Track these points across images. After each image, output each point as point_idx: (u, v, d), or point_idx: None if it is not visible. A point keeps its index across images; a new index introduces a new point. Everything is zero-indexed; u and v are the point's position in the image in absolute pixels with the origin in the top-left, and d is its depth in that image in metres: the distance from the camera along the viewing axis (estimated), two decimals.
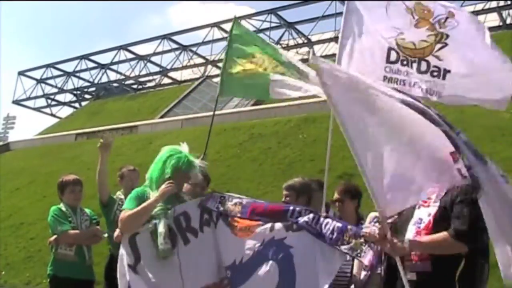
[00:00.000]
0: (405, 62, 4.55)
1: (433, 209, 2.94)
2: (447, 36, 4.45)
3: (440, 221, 2.87)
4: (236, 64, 4.95)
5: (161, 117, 22.70)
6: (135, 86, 32.74)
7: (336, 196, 4.23)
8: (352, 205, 4.14)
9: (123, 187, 4.96)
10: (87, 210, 4.85)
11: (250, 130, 14.96)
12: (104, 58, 33.10)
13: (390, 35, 4.55)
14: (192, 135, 16.04)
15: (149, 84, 32.52)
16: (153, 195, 3.41)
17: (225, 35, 28.84)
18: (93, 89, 34.36)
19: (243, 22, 27.97)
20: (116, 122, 21.90)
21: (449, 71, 4.44)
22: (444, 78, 4.46)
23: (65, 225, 4.50)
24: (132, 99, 28.47)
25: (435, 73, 4.46)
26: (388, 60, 4.59)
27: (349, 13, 4.70)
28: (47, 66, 34.01)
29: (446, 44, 4.42)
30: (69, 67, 33.79)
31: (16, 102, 35.02)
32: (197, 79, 28.65)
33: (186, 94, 26.25)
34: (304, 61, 4.66)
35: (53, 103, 35.64)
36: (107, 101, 30.51)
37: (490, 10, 23.11)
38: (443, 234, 2.80)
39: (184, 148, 3.63)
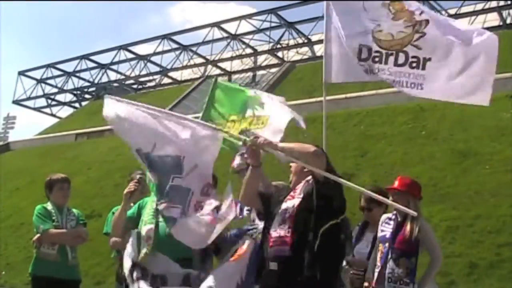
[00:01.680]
0: (377, 59, 4.53)
1: (297, 200, 3.16)
2: (427, 22, 4.44)
3: (302, 208, 3.10)
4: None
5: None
6: (135, 86, 32.72)
7: (363, 203, 4.27)
8: (380, 210, 4.15)
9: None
10: (75, 211, 4.80)
11: None
12: (104, 58, 33.09)
13: (368, 28, 4.54)
14: None
15: (149, 84, 32.50)
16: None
17: (226, 35, 28.87)
18: (93, 89, 34.33)
19: (243, 22, 28.03)
20: None
21: (429, 59, 4.41)
22: (424, 67, 4.42)
23: (46, 223, 4.48)
24: (132, 99, 28.31)
25: (413, 64, 4.44)
26: (360, 58, 4.59)
27: (328, 16, 4.73)
28: (47, 66, 33.98)
29: (424, 34, 4.41)
30: (69, 67, 33.79)
31: (16, 102, 34.99)
32: (197, 79, 28.66)
33: (186, 94, 26.25)
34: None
35: (53, 103, 35.62)
36: None
37: (490, 10, 23.06)
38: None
39: None
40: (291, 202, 3.18)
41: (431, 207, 8.27)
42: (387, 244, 3.81)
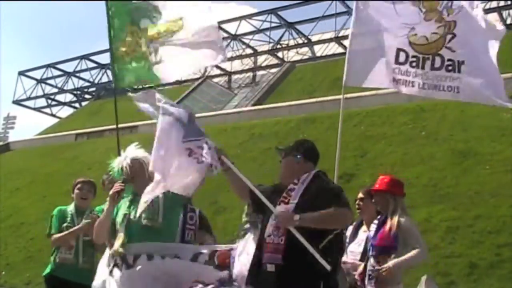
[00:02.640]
0: (414, 64, 4.54)
1: (291, 206, 3.11)
2: (455, 24, 4.45)
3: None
4: (120, 44, 4.64)
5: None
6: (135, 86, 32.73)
7: (360, 195, 4.38)
8: (372, 205, 4.19)
9: None
10: (98, 209, 4.66)
11: (250, 130, 14.97)
12: (104, 58, 33.04)
13: (403, 33, 4.54)
14: None
15: (149, 84, 32.49)
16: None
17: (226, 35, 28.87)
18: (93, 89, 34.35)
19: (243, 22, 28.05)
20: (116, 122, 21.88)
21: (463, 62, 4.44)
22: (459, 71, 4.45)
23: (53, 228, 4.52)
24: (132, 99, 28.38)
25: (450, 68, 4.47)
26: (396, 61, 4.59)
27: (358, 11, 4.70)
28: (47, 66, 33.99)
29: (455, 35, 4.42)
30: (69, 67, 33.80)
31: (16, 102, 35.01)
32: (197, 79, 28.66)
33: (187, 94, 26.25)
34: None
35: (53, 103, 35.63)
36: (107, 101, 30.48)
37: (490, 10, 23.04)
38: (330, 209, 2.96)
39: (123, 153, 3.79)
40: (285, 207, 3.12)
41: (431, 207, 8.28)
42: (370, 243, 3.91)
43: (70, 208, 4.63)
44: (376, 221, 4.00)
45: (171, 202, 3.61)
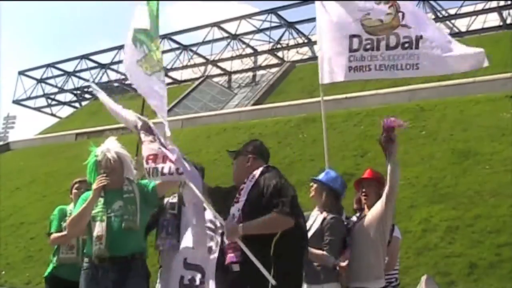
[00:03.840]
0: (368, 46, 4.49)
1: (241, 204, 3.17)
2: (399, 6, 4.47)
3: (248, 213, 3.09)
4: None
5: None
6: (135, 86, 32.70)
7: (354, 205, 4.33)
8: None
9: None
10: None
11: (250, 130, 14.96)
12: (104, 58, 33.10)
13: (356, 18, 4.53)
14: (192, 134, 16.03)
15: None
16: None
17: (226, 34, 28.87)
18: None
19: (243, 22, 28.03)
20: (116, 122, 21.83)
21: (421, 37, 4.39)
22: (417, 47, 4.40)
23: (52, 227, 4.51)
24: (132, 99, 28.39)
25: (406, 45, 4.41)
26: (350, 49, 4.56)
27: (318, 16, 4.74)
28: (47, 65, 34.00)
29: (403, 12, 4.43)
30: (69, 66, 33.82)
31: (16, 102, 35.02)
32: (197, 78, 28.65)
33: (186, 94, 26.25)
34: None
35: (53, 102, 35.64)
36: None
37: (490, 10, 23.06)
38: (271, 214, 3.00)
39: (104, 144, 3.79)
40: (237, 207, 3.18)
41: (431, 207, 8.28)
42: None
43: (70, 207, 4.62)
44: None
45: (145, 204, 3.64)
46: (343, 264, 3.65)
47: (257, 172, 3.26)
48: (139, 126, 3.67)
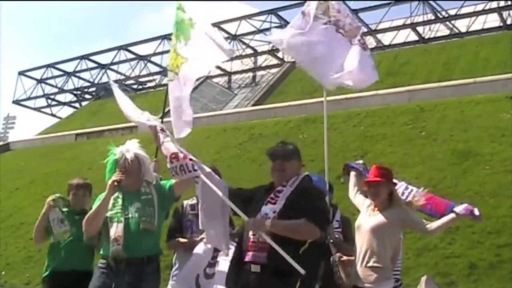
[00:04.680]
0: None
1: (278, 206, 3.17)
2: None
3: (283, 218, 3.09)
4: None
5: (161, 117, 22.65)
6: (135, 86, 32.75)
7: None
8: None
9: None
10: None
11: (250, 131, 14.96)
12: (104, 58, 33.16)
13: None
14: (192, 135, 16.01)
15: (149, 84, 32.52)
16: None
17: (226, 35, 28.86)
18: (93, 89, 34.36)
19: (243, 23, 28.05)
20: (116, 122, 21.86)
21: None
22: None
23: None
24: (132, 99, 28.35)
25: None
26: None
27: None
28: (47, 66, 34.03)
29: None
30: (69, 67, 33.87)
31: (16, 102, 35.03)
32: (197, 79, 28.65)
33: None
34: None
35: (53, 103, 35.67)
36: (107, 101, 30.49)
37: (490, 11, 23.09)
38: (301, 220, 3.02)
39: (124, 145, 3.77)
40: (272, 208, 3.17)
41: None
42: None
43: (65, 209, 4.51)
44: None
45: (162, 206, 3.64)
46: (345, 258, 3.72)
47: (297, 178, 3.31)
48: (158, 127, 3.60)
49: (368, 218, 3.85)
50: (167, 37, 29.45)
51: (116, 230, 3.45)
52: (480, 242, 7.26)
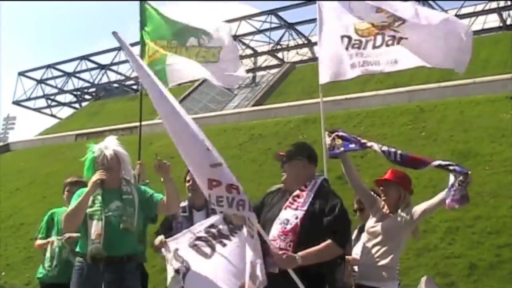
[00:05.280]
0: (356, 46, 4.59)
1: (300, 212, 3.11)
2: (404, 20, 4.53)
3: (308, 228, 3.06)
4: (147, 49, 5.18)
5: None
6: (135, 87, 32.71)
7: (355, 206, 4.40)
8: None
9: None
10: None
11: (250, 131, 14.97)
12: (104, 59, 33.12)
13: (350, 22, 4.63)
14: None
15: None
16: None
17: None
18: (93, 89, 34.37)
19: (243, 23, 28.04)
20: (116, 123, 21.90)
21: (406, 38, 4.47)
22: (399, 43, 4.49)
23: (39, 232, 4.62)
24: (132, 100, 28.44)
25: (389, 42, 4.51)
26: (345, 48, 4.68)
27: (320, 17, 4.84)
28: (47, 66, 34.02)
29: (404, 21, 4.48)
30: (69, 67, 33.85)
31: (16, 103, 35.03)
32: (197, 79, 28.65)
33: (187, 95, 26.26)
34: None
35: (53, 103, 35.67)
36: (107, 101, 30.53)
37: (490, 11, 23.09)
38: (326, 243, 3.04)
39: (103, 142, 3.72)
40: (293, 213, 3.13)
41: None
42: None
43: (61, 211, 4.56)
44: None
45: (141, 208, 3.60)
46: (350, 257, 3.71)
47: (316, 184, 3.27)
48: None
49: (380, 219, 3.83)
50: None
51: (96, 227, 3.41)
52: (480, 242, 7.26)
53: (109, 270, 3.38)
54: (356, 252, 4.23)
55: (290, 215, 3.12)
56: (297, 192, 3.23)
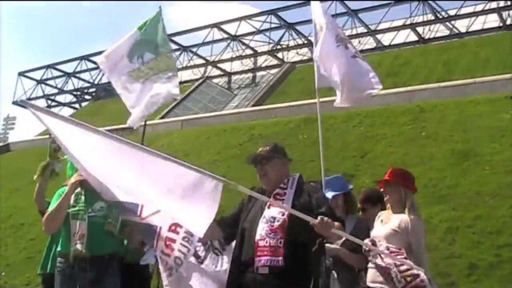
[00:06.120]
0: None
1: (286, 208, 3.09)
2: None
3: (294, 220, 3.00)
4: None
5: (162, 117, 22.71)
6: None
7: (359, 205, 4.37)
8: (375, 210, 4.17)
9: None
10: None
11: (250, 131, 14.96)
12: None
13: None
14: (192, 135, 16.03)
15: None
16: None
17: (226, 35, 28.88)
18: (93, 90, 34.37)
19: (243, 23, 28.06)
20: (116, 123, 21.86)
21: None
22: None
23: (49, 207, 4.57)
24: None
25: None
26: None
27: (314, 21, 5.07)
28: (47, 66, 34.04)
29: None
30: (69, 67, 33.89)
31: (16, 103, 35.05)
32: (197, 79, 28.67)
33: (187, 95, 26.27)
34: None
35: (53, 104, 35.68)
36: (107, 102, 30.51)
37: (490, 11, 23.09)
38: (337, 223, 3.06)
39: None
40: (279, 210, 3.10)
41: (431, 208, 8.27)
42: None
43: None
44: (377, 218, 3.98)
45: None
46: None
47: (294, 179, 3.31)
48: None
49: (381, 226, 3.85)
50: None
51: (79, 228, 3.42)
52: (480, 242, 7.26)
53: (91, 269, 3.41)
54: None
55: (275, 212, 3.11)
56: (277, 190, 3.25)
